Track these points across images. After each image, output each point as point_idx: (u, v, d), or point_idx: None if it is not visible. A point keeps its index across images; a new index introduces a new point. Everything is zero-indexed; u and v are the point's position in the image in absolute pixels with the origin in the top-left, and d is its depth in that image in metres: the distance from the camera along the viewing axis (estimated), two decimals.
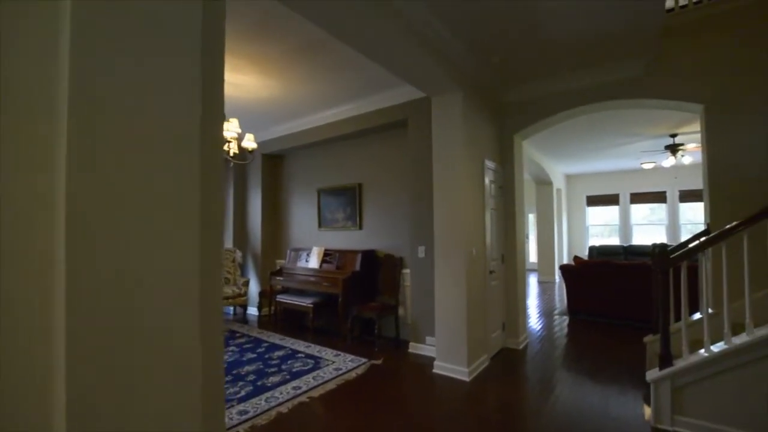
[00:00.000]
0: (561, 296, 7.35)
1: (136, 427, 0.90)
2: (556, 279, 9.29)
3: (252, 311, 5.97)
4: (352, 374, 3.43)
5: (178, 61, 1.02)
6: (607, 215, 10.94)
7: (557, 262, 9.44)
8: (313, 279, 4.88)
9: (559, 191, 9.95)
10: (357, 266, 4.56)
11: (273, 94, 4.23)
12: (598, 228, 11.15)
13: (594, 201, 11.00)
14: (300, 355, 3.95)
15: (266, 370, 3.53)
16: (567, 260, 10.47)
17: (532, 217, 10.79)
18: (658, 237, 9.93)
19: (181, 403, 1.06)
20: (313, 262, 5.06)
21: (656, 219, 10.23)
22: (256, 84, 3.95)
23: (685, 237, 9.54)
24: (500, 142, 4.30)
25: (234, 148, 3.97)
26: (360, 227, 5.02)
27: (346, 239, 5.19)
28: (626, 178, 10.30)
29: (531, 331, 4.87)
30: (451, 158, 3.45)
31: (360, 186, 5.03)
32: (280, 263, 5.88)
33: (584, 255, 10.30)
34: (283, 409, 2.76)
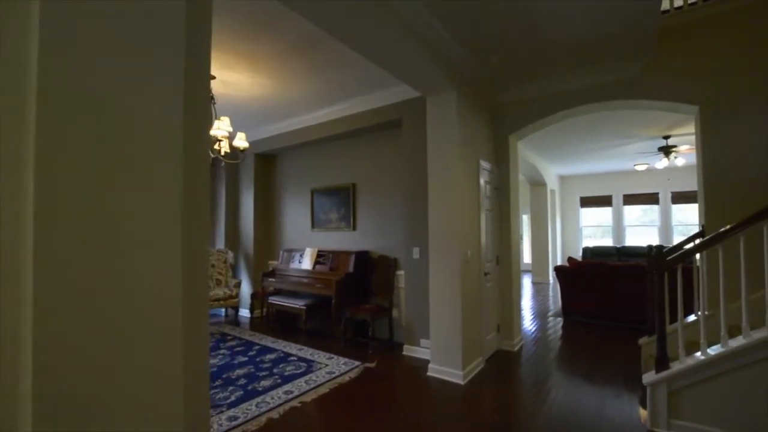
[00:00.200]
0: (555, 297, 7.35)
1: None
2: (550, 280, 9.31)
3: (244, 313, 5.88)
4: (346, 378, 3.37)
5: (160, 61, 1.02)
6: (600, 216, 11.01)
7: (551, 263, 9.47)
8: (306, 280, 4.81)
9: (553, 192, 9.99)
10: (351, 267, 4.51)
11: (266, 92, 4.16)
12: (591, 229, 11.22)
13: (587, 202, 11.05)
14: (292, 358, 3.88)
15: (257, 373, 3.45)
16: (561, 261, 10.51)
17: (525, 218, 10.82)
18: (651, 238, 10.00)
19: (159, 412, 1.02)
20: (306, 264, 5.00)
21: (648, 220, 10.31)
22: (248, 82, 3.87)
23: (677, 238, 9.62)
24: (495, 142, 4.27)
25: (225, 147, 3.89)
26: (354, 228, 4.97)
27: (340, 240, 5.13)
28: (619, 179, 10.37)
29: (525, 333, 4.85)
30: (446, 158, 3.41)
31: (354, 186, 4.97)
32: (273, 264, 5.80)
33: (578, 256, 10.34)
34: (274, 414, 2.70)
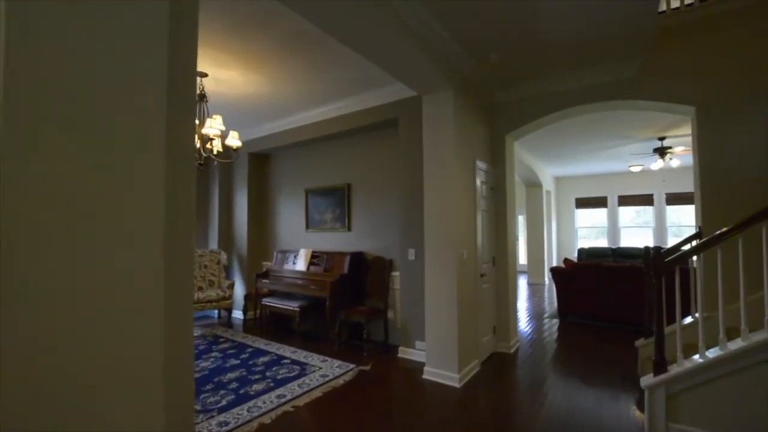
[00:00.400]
0: (551, 298, 7.34)
1: None
2: (546, 281, 9.30)
3: (237, 315, 5.80)
4: (340, 381, 3.31)
5: (142, 59, 1.00)
6: (596, 217, 11.03)
7: (546, 264, 9.47)
8: (300, 282, 4.74)
9: (548, 193, 9.99)
10: (345, 269, 4.45)
11: (259, 90, 4.09)
12: (585, 230, 11.24)
13: (582, 203, 11.08)
14: (286, 361, 3.81)
15: (250, 377, 3.38)
16: (556, 262, 10.52)
17: (521, 219, 10.82)
18: (645, 240, 10.04)
19: (137, 421, 0.97)
20: (301, 265, 4.93)
21: (642, 222, 10.35)
22: (241, 80, 3.81)
23: (671, 240, 9.66)
24: (492, 142, 4.23)
25: (218, 146, 3.83)
26: (349, 229, 4.91)
27: (335, 241, 5.07)
28: (614, 180, 10.40)
29: (521, 335, 4.82)
30: (442, 158, 3.37)
31: (349, 186, 4.91)
32: (267, 265, 5.73)
33: (573, 257, 10.35)
34: (266, 419, 2.63)
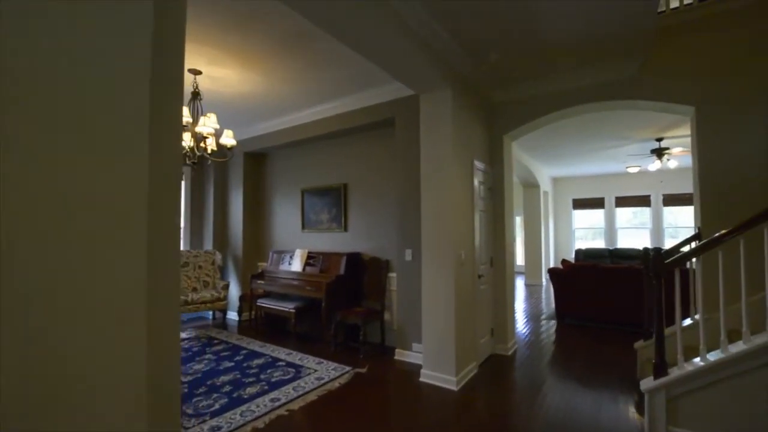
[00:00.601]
0: (548, 300, 7.32)
1: None
2: (543, 282, 9.28)
3: (232, 316, 5.73)
4: (335, 384, 3.26)
5: (123, 60, 0.99)
6: (593, 218, 11.04)
7: (544, 264, 9.45)
8: (295, 283, 4.69)
9: (546, 194, 9.99)
10: (341, 270, 4.40)
11: (255, 89, 4.04)
12: (583, 231, 11.24)
13: (580, 204, 11.08)
14: (281, 363, 3.75)
15: (244, 380, 3.32)
16: (553, 263, 10.51)
17: (519, 219, 10.80)
18: (642, 241, 10.05)
19: (119, 422, 0.93)
20: (296, 265, 4.87)
21: (639, 223, 10.35)
22: (236, 78, 3.75)
23: (668, 241, 9.67)
24: (490, 142, 4.20)
25: (212, 145, 3.77)
26: (345, 229, 4.86)
27: (331, 241, 5.02)
28: (612, 181, 10.41)
29: (519, 336, 4.78)
30: (439, 158, 3.33)
31: (345, 186, 4.86)
32: (262, 266, 5.66)
33: (570, 257, 10.34)
34: (260, 423, 2.58)
